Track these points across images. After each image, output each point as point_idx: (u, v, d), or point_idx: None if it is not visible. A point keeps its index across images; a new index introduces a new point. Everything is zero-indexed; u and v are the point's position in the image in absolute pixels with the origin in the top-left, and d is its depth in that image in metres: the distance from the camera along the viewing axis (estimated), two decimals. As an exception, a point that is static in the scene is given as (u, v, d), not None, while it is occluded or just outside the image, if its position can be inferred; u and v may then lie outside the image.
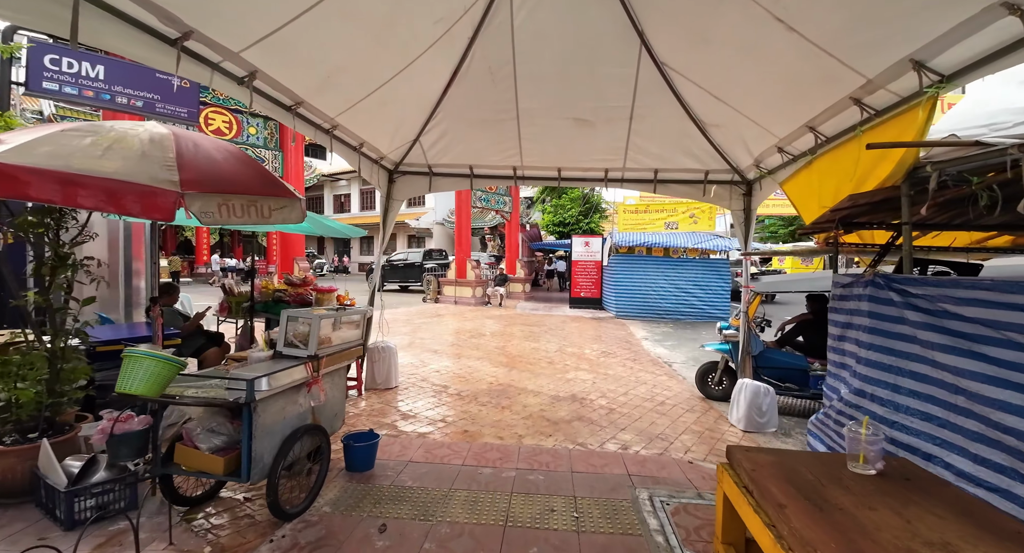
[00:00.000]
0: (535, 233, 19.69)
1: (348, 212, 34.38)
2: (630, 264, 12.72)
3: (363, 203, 33.81)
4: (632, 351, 8.28)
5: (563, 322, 11.36)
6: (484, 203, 14.92)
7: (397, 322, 10.35)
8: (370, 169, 4.90)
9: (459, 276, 14.06)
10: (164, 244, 26.77)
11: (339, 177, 34.38)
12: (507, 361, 6.95)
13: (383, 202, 5.34)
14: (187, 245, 25.67)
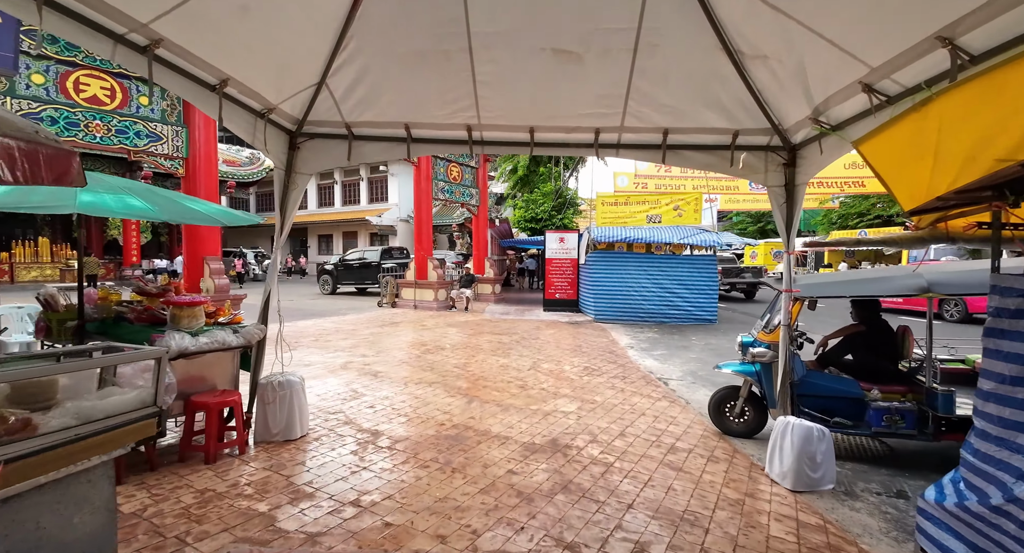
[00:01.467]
0: (505, 229, 18.27)
1: (305, 209, 32.02)
2: (609, 262, 11.45)
3: (321, 199, 31.55)
4: (619, 364, 6.94)
5: (537, 328, 9.96)
6: (447, 195, 13.37)
7: (339, 334, 8.70)
8: (253, 127, 3.33)
9: (419, 277, 12.48)
10: (89, 243, 23.93)
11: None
12: (468, 387, 5.47)
13: (281, 179, 3.76)
14: (115, 245, 22.96)
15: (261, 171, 25.54)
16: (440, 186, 13.06)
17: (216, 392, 3.51)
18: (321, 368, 6.11)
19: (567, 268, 12.82)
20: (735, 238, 11.63)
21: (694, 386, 6.06)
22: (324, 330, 9.14)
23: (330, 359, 6.63)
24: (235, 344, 3.53)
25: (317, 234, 31.65)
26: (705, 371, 6.82)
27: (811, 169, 3.36)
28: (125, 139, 6.91)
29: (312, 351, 7.17)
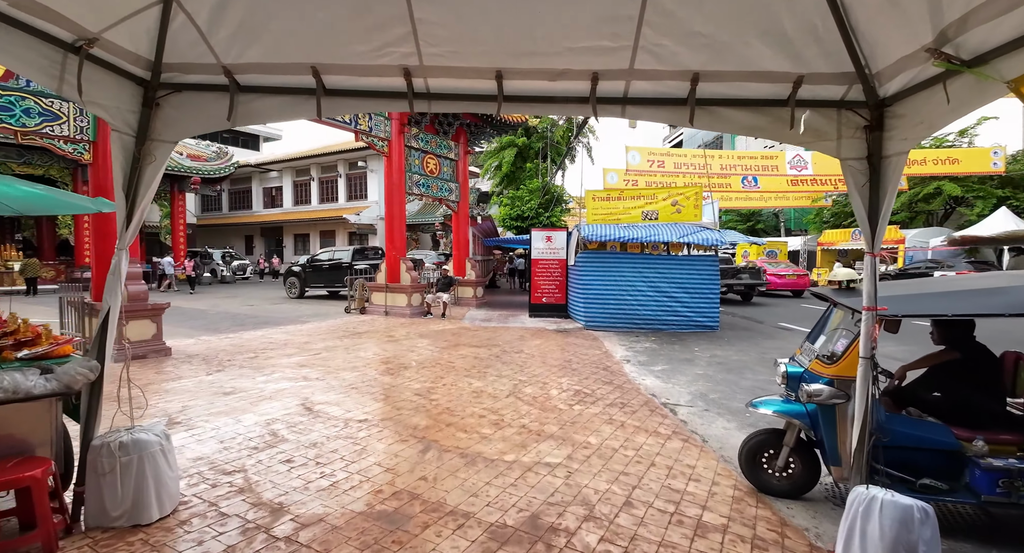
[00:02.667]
0: (489, 227, 17.10)
1: (280, 207, 30.51)
2: (601, 263, 10.36)
3: (297, 197, 30.04)
4: (615, 385, 5.85)
5: (521, 338, 8.82)
6: (423, 189, 12.15)
7: (287, 348, 7.46)
8: (60, 68, 2.13)
9: (391, 280, 11.25)
10: (39, 243, 22.19)
11: (268, 168, 30.48)
12: (428, 425, 4.31)
13: (128, 150, 2.55)
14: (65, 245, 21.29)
15: (229, 166, 24.00)
16: (415, 179, 11.84)
17: (9, 462, 2.29)
18: (243, 399, 4.89)
19: (555, 270, 11.71)
20: (739, 236, 10.64)
21: (708, 415, 4.99)
22: (270, 343, 7.88)
23: (261, 385, 5.41)
24: (40, 391, 2.32)
25: (293, 234, 30.15)
26: (717, 392, 5.75)
27: (912, 132, 2.25)
28: (8, 118, 5.61)
29: (243, 373, 5.93)
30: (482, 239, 16.39)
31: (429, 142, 12.25)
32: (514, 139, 23.16)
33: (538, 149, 22.79)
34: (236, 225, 32.20)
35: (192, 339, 8.21)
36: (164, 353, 6.73)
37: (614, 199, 11.23)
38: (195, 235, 31.42)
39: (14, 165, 18.51)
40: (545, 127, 22.79)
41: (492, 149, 24.46)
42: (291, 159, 29.27)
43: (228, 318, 11.16)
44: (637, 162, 18.87)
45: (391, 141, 10.88)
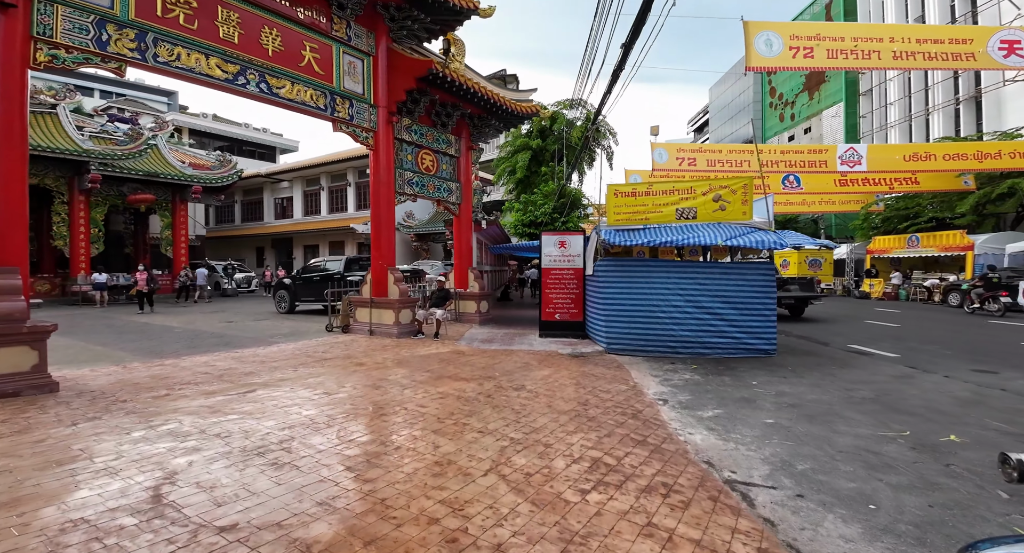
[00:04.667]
0: (496, 233, 15.35)
1: (290, 217, 29.59)
2: (626, 272, 8.47)
3: (307, 207, 29.08)
4: (652, 447, 3.96)
5: (525, 367, 6.95)
6: (417, 188, 10.50)
7: (218, 382, 5.78)
8: None
9: (376, 293, 9.56)
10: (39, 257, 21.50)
11: (279, 177, 29.69)
12: (333, 542, 2.49)
13: None
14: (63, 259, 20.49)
15: (233, 174, 23.10)
16: (407, 177, 10.20)
17: None
18: (75, 472, 3.17)
19: (570, 280, 9.84)
20: (802, 238, 8.54)
21: (807, 508, 3.09)
22: (203, 375, 6.23)
23: (127, 447, 3.69)
24: None
25: (303, 245, 29.13)
26: (806, 459, 3.84)
27: None
28: None
29: (124, 422, 4.26)
30: (489, 246, 14.65)
31: (425, 135, 10.65)
32: (528, 141, 21.56)
33: (553, 151, 21.12)
34: (247, 236, 31.46)
35: (109, 368, 6.64)
36: (47, 389, 5.15)
37: (641, 194, 9.33)
38: (204, 247, 30.84)
39: (9, 176, 17.88)
40: (561, 128, 21.14)
41: (505, 154, 22.91)
42: (301, 168, 28.40)
43: (188, 338, 9.66)
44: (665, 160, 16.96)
45: (377, 132, 9.31)
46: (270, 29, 7.49)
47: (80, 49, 5.59)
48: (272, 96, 7.55)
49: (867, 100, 33.34)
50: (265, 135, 42.00)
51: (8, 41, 5.00)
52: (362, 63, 9.05)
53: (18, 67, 5.13)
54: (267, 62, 7.46)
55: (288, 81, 7.76)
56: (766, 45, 11.13)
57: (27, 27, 5.15)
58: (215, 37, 6.81)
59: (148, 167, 20.75)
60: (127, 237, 24.03)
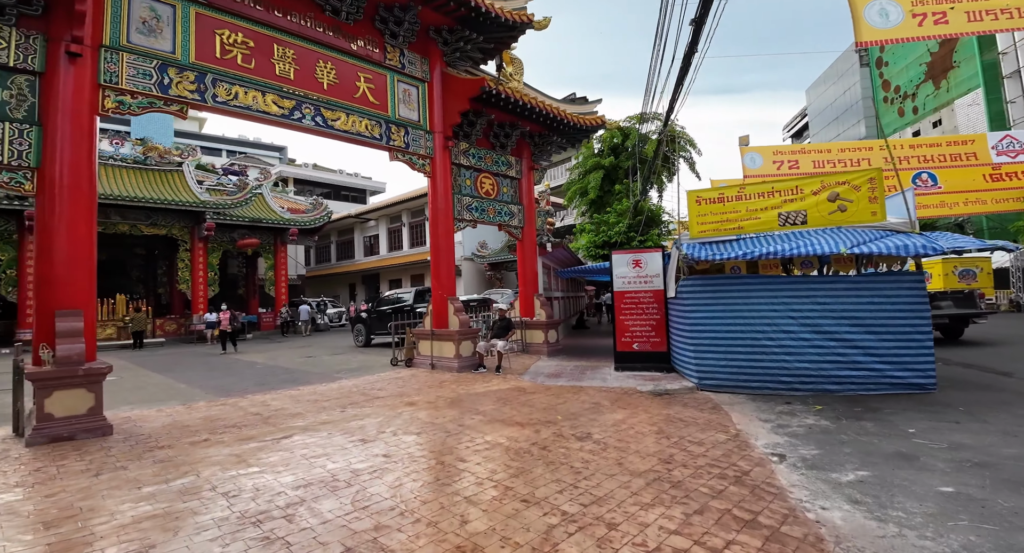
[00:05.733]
0: (565, 256, 14.37)
1: (377, 254, 31.19)
2: (719, 292, 7.07)
3: (391, 243, 30.46)
4: (767, 532, 2.75)
5: (595, 410, 5.83)
6: (476, 214, 10.02)
7: (263, 425, 5.43)
8: None
9: (437, 324, 9.04)
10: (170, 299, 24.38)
11: (366, 217, 31.63)
12: None
13: None
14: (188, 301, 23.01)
15: (324, 216, 24.92)
16: (465, 202, 9.77)
17: None
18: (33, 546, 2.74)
19: (648, 304, 8.56)
20: (967, 241, 6.49)
21: None
22: (255, 415, 5.96)
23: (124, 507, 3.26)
24: None
25: (388, 279, 30.38)
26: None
27: None
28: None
29: (147, 474, 3.91)
30: (557, 271, 13.72)
31: (483, 158, 10.24)
32: (600, 160, 20.61)
33: (627, 168, 19.91)
34: (341, 274, 33.64)
35: (175, 407, 6.66)
36: (100, 432, 5.09)
37: (731, 200, 7.93)
38: (305, 285, 33.47)
39: (143, 227, 20.70)
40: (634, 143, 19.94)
41: (576, 177, 22.13)
42: (385, 206, 29.99)
43: (264, 375, 9.82)
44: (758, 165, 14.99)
45: (433, 158, 9.03)
46: (325, 62, 7.57)
47: (144, 94, 5.86)
48: (327, 128, 7.55)
49: (1013, 83, 27.88)
50: (356, 179, 45.64)
51: (77, 89, 5.31)
52: (416, 90, 8.91)
53: (87, 114, 5.43)
54: (322, 95, 7.50)
55: (343, 113, 7.74)
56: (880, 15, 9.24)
57: (95, 75, 5.47)
58: (271, 74, 6.96)
59: (254, 214, 23.00)
60: (240, 279, 26.72)
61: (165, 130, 42.05)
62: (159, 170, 21.80)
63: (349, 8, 7.62)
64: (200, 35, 6.30)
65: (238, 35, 6.65)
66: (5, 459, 4.41)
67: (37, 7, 5.14)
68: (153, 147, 22.35)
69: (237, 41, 6.64)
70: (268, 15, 6.93)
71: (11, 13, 5.00)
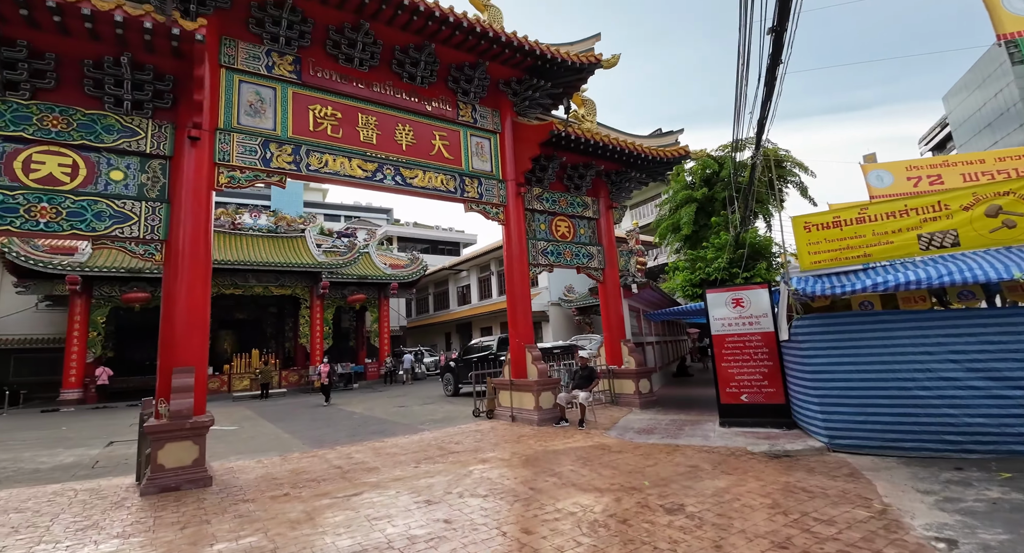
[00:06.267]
0: (654, 297, 13.30)
1: (469, 303, 32.16)
2: (847, 332, 5.91)
3: (481, 292, 31.29)
4: None
5: (692, 475, 4.94)
6: (552, 258, 9.74)
7: (340, 480, 5.40)
8: None
9: (516, 374, 8.67)
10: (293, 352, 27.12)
11: (459, 268, 33.06)
12: None
13: None
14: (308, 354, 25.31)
15: (420, 270, 26.51)
16: (540, 247, 9.58)
17: None
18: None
19: (756, 349, 7.42)
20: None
21: None
22: (337, 469, 6.00)
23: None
24: None
25: (480, 327, 30.95)
26: None
27: None
28: (79, 223, 5.57)
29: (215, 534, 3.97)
30: (646, 314, 12.72)
31: (557, 201, 10.09)
32: (691, 193, 19.44)
33: (724, 199, 18.46)
34: (438, 324, 35.11)
35: (272, 458, 6.97)
36: (201, 483, 5.41)
37: (850, 223, 6.77)
38: (406, 336, 35.37)
39: (273, 288, 23.65)
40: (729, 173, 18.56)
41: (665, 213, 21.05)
42: (474, 257, 31.15)
43: (357, 425, 10.12)
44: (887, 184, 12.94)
45: (507, 206, 9.08)
46: (403, 126, 8.15)
47: (250, 168, 6.67)
48: (406, 186, 7.98)
49: None
50: (451, 233, 48.52)
51: (198, 169, 6.19)
52: (488, 142, 9.19)
53: (205, 190, 6.27)
54: (401, 156, 8.01)
55: (420, 170, 8.16)
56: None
57: (211, 155, 6.36)
58: (356, 141, 7.61)
59: (361, 271, 25.22)
60: (351, 331, 29.09)
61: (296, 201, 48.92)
62: (287, 237, 25.08)
63: (423, 72, 8.21)
64: (296, 112, 7.14)
65: (328, 109, 7.43)
66: (119, 508, 4.82)
67: (168, 100, 6.19)
68: (283, 217, 25.92)
69: (327, 114, 7.41)
70: (354, 88, 7.70)
71: (148, 107, 6.07)
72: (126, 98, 5.85)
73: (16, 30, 5.16)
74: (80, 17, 5.00)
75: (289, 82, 7.16)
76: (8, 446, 9.23)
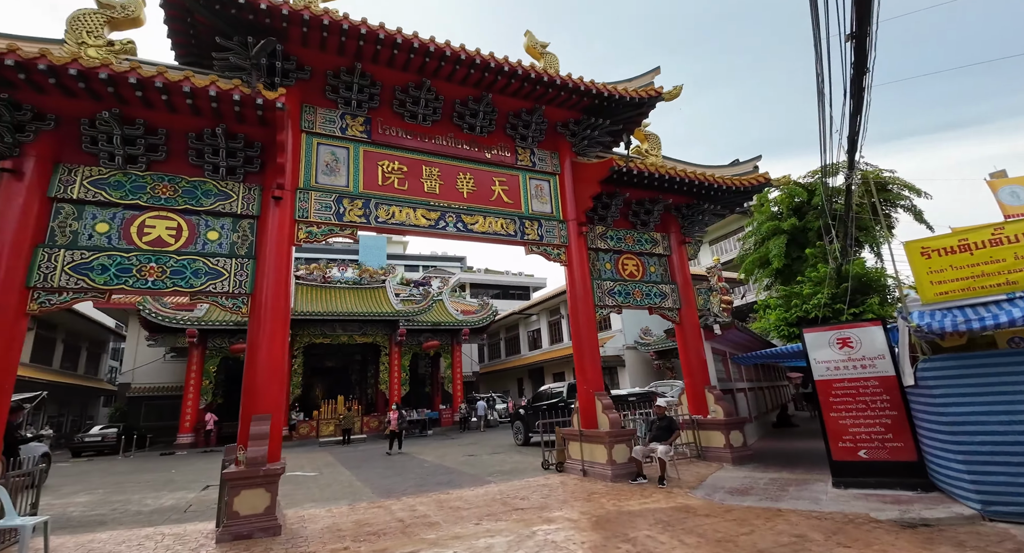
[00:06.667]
0: (742, 338, 11.97)
1: (540, 348, 31.61)
2: (997, 374, 4.86)
3: (552, 336, 30.69)
4: None
5: (800, 547, 4.05)
6: (620, 299, 9.19)
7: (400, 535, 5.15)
8: None
9: (586, 424, 8.04)
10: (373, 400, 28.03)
11: (528, 312, 32.90)
12: None
13: None
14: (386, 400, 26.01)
15: (489, 315, 26.71)
16: (606, 287, 9.12)
17: None
18: None
19: (875, 396, 6.30)
20: None
21: None
22: (399, 522, 5.77)
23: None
24: None
25: (552, 373, 30.11)
26: None
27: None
28: (180, 280, 6.20)
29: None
30: (733, 357, 11.47)
31: (623, 239, 9.68)
32: (779, 224, 17.97)
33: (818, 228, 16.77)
34: (510, 369, 34.77)
35: (341, 507, 6.90)
36: (272, 532, 5.43)
37: (982, 246, 5.71)
38: (479, 382, 35.32)
39: (357, 337, 24.99)
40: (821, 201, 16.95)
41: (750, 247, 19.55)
42: (544, 300, 30.88)
43: (427, 475, 9.90)
44: None
45: (568, 246, 8.86)
46: (464, 174, 8.41)
47: (326, 223, 7.15)
48: (467, 232, 8.11)
49: None
50: (520, 278, 48.95)
51: (280, 226, 6.73)
52: (548, 183, 9.19)
53: (286, 246, 6.78)
54: (462, 203, 8.21)
55: (480, 216, 8.29)
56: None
57: (292, 213, 6.91)
58: (421, 192, 7.95)
59: (434, 318, 25.94)
60: (427, 377, 29.67)
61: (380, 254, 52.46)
62: (369, 288, 26.70)
63: (482, 122, 8.52)
64: (366, 168, 7.65)
65: (395, 163, 7.89)
66: (200, 553, 4.94)
67: (256, 165, 6.89)
68: (366, 269, 27.76)
69: (394, 168, 7.86)
70: (419, 143, 8.15)
71: (240, 172, 6.78)
72: (222, 165, 6.61)
73: (135, 111, 6.08)
74: (182, 94, 5.80)
75: (360, 141, 7.74)
76: (124, 488, 10.14)
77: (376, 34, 6.79)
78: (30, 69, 5.20)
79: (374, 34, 6.79)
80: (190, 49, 6.98)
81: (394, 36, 6.88)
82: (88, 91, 5.64)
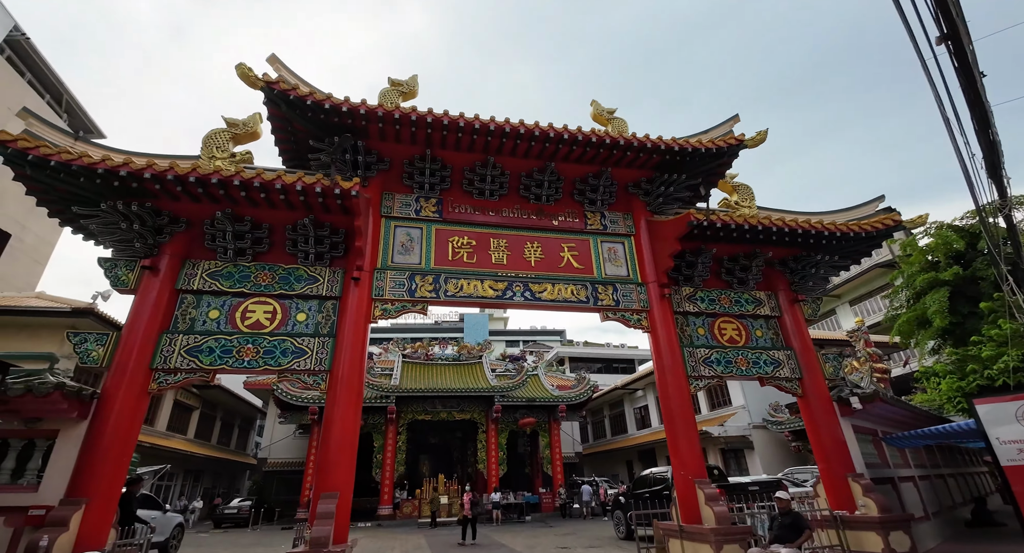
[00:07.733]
0: (896, 414, 9.38)
1: (649, 427, 28.64)
2: None
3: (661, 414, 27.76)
4: None
5: None
6: (719, 368, 7.93)
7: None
8: None
9: (686, 518, 6.63)
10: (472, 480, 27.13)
11: (633, 387, 30.47)
12: None
13: None
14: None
15: (587, 391, 25.19)
16: (700, 355, 7.97)
17: None
18: None
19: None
20: None
21: None
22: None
23: None
24: None
25: (664, 455, 26.77)
26: None
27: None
28: (270, 359, 6.71)
29: None
30: (885, 438, 8.99)
31: (718, 300, 8.60)
32: (936, 275, 14.87)
33: (992, 278, 13.53)
34: (617, 450, 31.78)
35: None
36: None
37: None
38: (582, 463, 32.66)
39: (455, 413, 25.03)
40: (985, 245, 13.87)
41: (899, 304, 16.30)
42: (648, 374, 28.48)
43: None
44: None
45: (650, 311, 8.07)
46: (531, 243, 8.35)
47: (399, 300, 7.42)
48: (535, 301, 7.86)
49: None
50: (623, 350, 46.19)
51: (358, 305, 7.11)
52: (622, 246, 8.72)
53: (363, 324, 7.09)
54: (530, 272, 8.07)
55: (549, 284, 8.03)
56: None
57: (369, 292, 7.30)
58: (488, 264, 8.00)
59: (529, 393, 25.18)
60: (526, 457, 28.27)
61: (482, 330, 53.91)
62: (467, 364, 27.17)
63: (548, 192, 8.58)
64: (438, 245, 7.97)
65: (464, 238, 8.13)
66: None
67: (341, 250, 7.53)
68: (464, 346, 28.50)
69: (463, 243, 8.09)
70: (486, 217, 8.39)
71: (326, 257, 7.44)
72: (311, 251, 7.34)
73: (242, 209, 7.12)
74: (275, 190, 6.67)
75: (433, 221, 8.18)
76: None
77: (441, 120, 7.40)
78: (163, 179, 6.39)
79: (439, 121, 7.40)
80: (292, 154, 8.21)
81: (457, 120, 7.43)
82: (207, 195, 6.76)
